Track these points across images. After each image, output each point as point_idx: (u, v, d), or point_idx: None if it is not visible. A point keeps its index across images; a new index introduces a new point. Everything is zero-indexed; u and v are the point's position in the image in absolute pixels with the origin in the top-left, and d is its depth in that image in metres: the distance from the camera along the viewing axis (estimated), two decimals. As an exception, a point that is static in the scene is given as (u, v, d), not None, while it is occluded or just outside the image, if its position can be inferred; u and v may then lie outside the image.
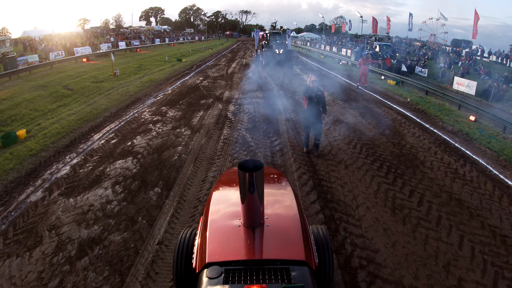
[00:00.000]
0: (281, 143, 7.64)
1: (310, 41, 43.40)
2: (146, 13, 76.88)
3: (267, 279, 1.90)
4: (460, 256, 4.13)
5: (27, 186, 5.84)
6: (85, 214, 4.87)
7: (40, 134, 8.36)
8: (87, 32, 42.12)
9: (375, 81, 16.97)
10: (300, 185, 5.69)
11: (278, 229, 2.36)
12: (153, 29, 57.79)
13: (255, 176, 2.08)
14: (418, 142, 8.04)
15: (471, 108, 11.68)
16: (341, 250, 4.07)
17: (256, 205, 2.23)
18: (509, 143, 8.57)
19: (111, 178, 5.94)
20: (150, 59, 24.19)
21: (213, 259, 2.06)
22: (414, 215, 4.88)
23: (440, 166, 6.68)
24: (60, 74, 16.32)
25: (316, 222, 4.62)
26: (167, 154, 7.01)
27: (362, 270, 3.76)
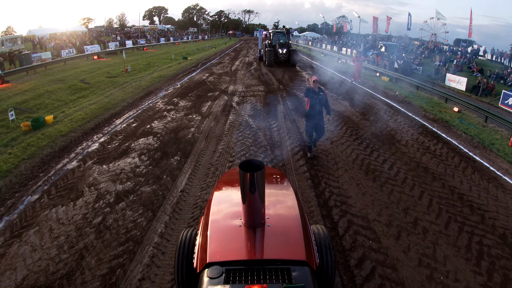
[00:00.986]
0: (278, 125, 8.90)
1: (312, 41, 44.71)
2: (150, 13, 78.51)
3: (268, 279, 1.92)
4: (418, 204, 5.34)
5: (62, 158, 7.09)
6: (118, 175, 6.13)
7: (66, 120, 9.63)
8: (92, 31, 43.59)
9: (370, 78, 18.19)
10: (292, 155, 6.96)
11: (279, 229, 2.38)
12: (156, 28, 59.22)
13: (256, 176, 2.10)
14: (398, 126, 9.28)
15: (457, 101, 12.82)
16: (321, 195, 5.33)
17: (257, 205, 2.26)
18: (487, 130, 9.72)
19: (137, 151, 7.21)
20: (157, 57, 25.53)
21: (214, 259, 2.08)
22: (383, 176, 6.12)
23: (414, 143, 7.93)
24: (75, 70, 17.67)
25: (303, 179, 5.88)
26: (182, 133, 8.29)
27: (336, 208, 5.00)
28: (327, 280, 2.60)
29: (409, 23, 37.15)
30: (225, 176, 3.77)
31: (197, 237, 2.60)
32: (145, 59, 23.22)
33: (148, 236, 4.34)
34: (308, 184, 5.78)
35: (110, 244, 4.21)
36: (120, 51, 25.82)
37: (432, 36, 45.19)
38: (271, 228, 2.37)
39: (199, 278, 2.00)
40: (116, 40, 32.48)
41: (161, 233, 4.40)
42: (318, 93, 6.41)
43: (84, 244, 4.20)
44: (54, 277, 3.67)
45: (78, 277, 3.68)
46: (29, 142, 7.75)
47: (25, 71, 17.00)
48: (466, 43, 35.13)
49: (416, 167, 6.62)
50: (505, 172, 6.83)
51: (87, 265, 3.85)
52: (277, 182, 3.31)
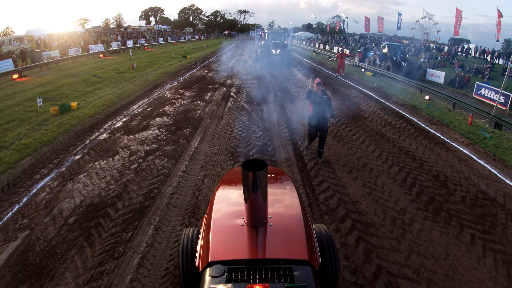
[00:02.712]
0: (269, 109, 10.97)
1: (306, 40, 46.96)
2: (146, 13, 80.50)
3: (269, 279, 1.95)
4: (370, 155, 7.37)
5: (93, 132, 9.02)
6: (144, 141, 8.13)
7: (89, 106, 11.58)
8: (90, 32, 45.52)
9: (354, 73, 20.34)
10: (277, 125, 9.04)
11: (281, 228, 2.41)
12: (152, 29, 61.24)
13: (259, 176, 2.13)
14: (368, 108, 11.40)
15: (430, 91, 14.77)
16: (297, 150, 7.38)
17: (260, 205, 2.29)
18: (451, 114, 11.68)
19: (155, 126, 9.22)
20: (158, 55, 27.55)
21: (216, 258, 2.12)
22: (347, 140, 8.18)
23: (378, 120, 10.03)
24: (85, 67, 19.64)
25: (286, 142, 7.93)
26: (190, 114, 10.32)
27: (306, 156, 7.06)
28: (330, 280, 2.64)
29: (398, 23, 39.36)
30: (227, 175, 3.80)
31: (200, 236, 2.66)
32: (147, 58, 25.24)
33: (173, 173, 6.36)
34: (288, 143, 7.85)
35: (146, 178, 6.21)
36: (123, 50, 27.82)
37: (424, 35, 47.53)
38: (273, 228, 2.40)
39: (201, 277, 2.04)
40: (117, 40, 34.45)
41: (183, 170, 6.42)
42: (321, 96, 6.27)
43: (127, 179, 6.18)
44: (106, 198, 5.57)
45: (125, 196, 5.62)
46: (61, 122, 9.68)
47: (38, 67, 18.94)
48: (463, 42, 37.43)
49: (375, 134, 8.71)
50: (454, 140, 8.89)
51: (131, 189, 5.82)
52: (279, 182, 3.39)
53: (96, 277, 3.82)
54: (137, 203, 5.34)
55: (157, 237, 4.48)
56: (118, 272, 3.88)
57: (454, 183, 6.31)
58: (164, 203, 5.31)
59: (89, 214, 5.05)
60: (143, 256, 4.12)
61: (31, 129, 9.17)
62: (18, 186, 6.05)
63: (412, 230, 4.75)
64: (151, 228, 4.67)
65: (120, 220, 4.88)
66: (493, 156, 7.92)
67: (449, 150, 8.07)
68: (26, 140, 8.24)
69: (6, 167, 6.72)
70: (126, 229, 4.66)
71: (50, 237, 4.54)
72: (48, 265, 4.01)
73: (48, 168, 6.79)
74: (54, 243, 4.41)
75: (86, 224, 4.81)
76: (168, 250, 4.22)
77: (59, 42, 30.93)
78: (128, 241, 4.41)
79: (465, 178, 6.55)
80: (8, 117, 10.17)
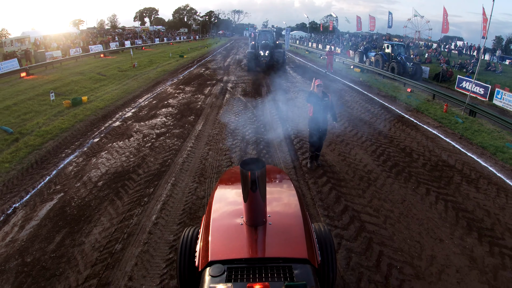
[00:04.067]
0: (262, 99, 12.26)
1: (299, 39, 48.41)
2: (141, 14, 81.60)
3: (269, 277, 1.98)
4: (347, 134, 8.65)
5: (107, 121, 10.18)
6: (154, 126, 9.33)
7: (98, 100, 12.74)
8: (87, 33, 46.55)
9: (344, 69, 21.71)
10: (269, 113, 10.28)
11: (281, 227, 2.45)
12: (147, 29, 62.34)
13: (258, 175, 2.16)
14: (352, 99, 12.74)
15: (413, 84, 16.05)
16: (285, 126, 8.64)
17: (259, 204, 2.33)
18: (429, 103, 12.97)
19: (162, 115, 10.42)
20: (156, 55, 28.70)
21: (216, 257, 2.15)
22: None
23: (359, 107, 11.36)
24: (88, 66, 20.76)
25: (277, 125, 9.18)
26: (193, 105, 11.55)
27: (292, 134, 8.32)
28: (329, 278, 2.68)
29: (389, 21, 40.94)
30: (226, 175, 3.83)
31: (199, 236, 2.68)
32: (146, 57, 26.39)
33: (183, 148, 7.59)
34: (278, 126, 9.12)
35: (160, 152, 7.42)
36: (121, 50, 28.91)
37: (416, 34, 49.16)
38: (273, 226, 2.42)
39: (201, 277, 2.06)
40: (115, 40, 35.55)
41: (190, 146, 7.67)
42: (322, 98, 6.02)
43: (144, 154, 7.38)
44: (128, 168, 6.76)
45: (144, 166, 6.81)
46: (75, 113, 10.82)
47: (44, 66, 20.01)
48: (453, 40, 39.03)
49: (355, 119, 10.01)
50: (426, 123, 10.21)
51: (149, 161, 7.02)
52: (278, 180, 3.45)
53: (128, 218, 5.02)
54: (155, 169, 6.56)
55: (174, 190, 5.71)
56: (145, 214, 5.09)
57: (418, 154, 7.61)
58: (178, 168, 6.55)
59: (115, 179, 6.25)
60: (164, 203, 5.35)
61: (48, 119, 10.29)
62: (46, 163, 7.19)
63: (376, 184, 6.03)
64: (168, 185, 5.90)
65: (142, 181, 6.09)
66: (460, 135, 9.24)
67: (418, 130, 9.39)
68: (46, 127, 9.37)
69: (32, 149, 7.87)
70: (148, 186, 5.87)
71: (83, 196, 5.72)
72: (84, 214, 5.19)
73: (71, 149, 7.95)
74: (87, 200, 5.59)
75: (114, 185, 6.01)
76: (184, 198, 5.45)
77: (58, 43, 31.94)
78: (151, 194, 5.63)
79: (429, 151, 7.85)
80: (24, 109, 11.28)
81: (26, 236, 4.64)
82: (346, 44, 35.56)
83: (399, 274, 3.96)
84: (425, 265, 4.13)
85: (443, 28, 36.23)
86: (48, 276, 3.89)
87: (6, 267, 4.01)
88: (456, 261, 4.21)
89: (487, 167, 7.20)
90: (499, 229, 4.95)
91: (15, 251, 4.30)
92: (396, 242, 4.51)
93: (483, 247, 4.51)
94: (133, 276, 3.88)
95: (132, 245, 4.39)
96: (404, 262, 4.15)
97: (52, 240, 4.55)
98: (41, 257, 4.19)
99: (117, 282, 3.80)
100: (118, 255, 4.22)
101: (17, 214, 5.19)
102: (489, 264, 4.18)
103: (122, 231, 4.69)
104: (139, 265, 4.05)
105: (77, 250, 4.34)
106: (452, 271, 4.05)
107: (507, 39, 49.78)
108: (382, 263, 4.13)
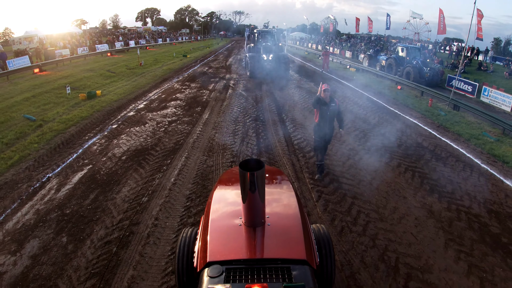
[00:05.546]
0: (261, 94, 13.52)
1: (299, 40, 49.80)
2: (142, 14, 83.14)
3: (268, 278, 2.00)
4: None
5: (122, 111, 11.43)
6: (165, 115, 10.58)
7: (111, 94, 13.99)
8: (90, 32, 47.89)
9: (340, 69, 22.99)
10: (268, 105, 11.54)
11: (279, 228, 2.49)
12: (149, 29, 63.80)
13: (256, 175, 2.20)
14: (344, 94, 14.03)
15: (405, 83, 17.22)
16: (280, 111, 9.89)
17: (257, 204, 2.37)
18: (417, 99, 14.18)
19: (172, 106, 11.68)
20: (161, 55, 30.04)
21: (214, 258, 2.18)
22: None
23: (348, 101, 12.65)
24: (97, 63, 22.06)
25: (273, 114, 10.44)
26: (199, 98, 12.83)
27: (283, 115, 9.56)
28: (327, 279, 2.71)
29: (387, 23, 42.25)
30: (225, 175, 3.87)
31: (198, 237, 2.72)
32: (151, 56, 27.72)
33: (193, 131, 8.85)
34: (276, 114, 10.36)
35: (173, 135, 8.67)
36: (126, 49, 30.24)
37: (415, 35, 50.46)
38: (271, 227, 2.47)
39: (199, 277, 2.10)
40: (118, 40, 36.91)
41: (199, 131, 8.93)
42: (329, 104, 5.85)
43: (159, 136, 8.62)
44: (146, 146, 7.99)
45: (161, 144, 8.04)
46: (92, 104, 12.06)
47: (55, 63, 21.34)
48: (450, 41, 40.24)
49: (343, 110, 11.23)
50: (409, 114, 11.44)
51: (164, 141, 8.26)
52: (277, 181, 3.46)
53: (151, 180, 6.26)
54: (170, 147, 7.82)
55: (188, 161, 6.97)
56: (164, 177, 6.34)
57: (397, 137, 8.85)
58: (189, 146, 7.83)
59: (137, 154, 7.50)
60: (180, 170, 6.60)
61: (67, 109, 11.53)
62: (72, 143, 8.39)
63: (353, 158, 7.30)
64: (182, 158, 7.16)
65: (160, 155, 7.35)
66: (438, 124, 10.46)
67: (399, 119, 10.65)
68: (66, 116, 10.61)
69: (57, 133, 9.07)
70: (166, 159, 7.13)
71: (110, 167, 6.94)
72: (113, 178, 6.40)
73: (93, 133, 9.19)
74: (114, 169, 6.81)
75: (136, 158, 7.25)
76: (196, 166, 6.72)
77: (63, 42, 33.28)
78: (169, 164, 6.88)
79: (406, 136, 9.10)
80: (43, 101, 12.51)
81: (63, 196, 5.79)
82: (345, 46, 36.87)
83: (366, 217, 5.19)
84: (388, 213, 5.35)
85: (439, 30, 37.42)
86: (86, 221, 5.06)
87: (48, 218, 5.14)
88: (416, 212, 5.43)
89: (458, 149, 8.42)
90: (459, 193, 6.12)
91: (55, 207, 5.44)
92: (366, 197, 5.75)
93: (442, 204, 5.70)
94: (158, 217, 5.10)
95: (156, 198, 5.63)
96: (371, 210, 5.38)
97: (87, 197, 5.75)
98: (79, 209, 5.37)
99: (145, 222, 5.01)
100: (145, 204, 5.45)
101: (51, 181, 6.32)
102: (445, 216, 5.37)
103: (147, 189, 5.92)
104: (163, 210, 5.28)
105: (110, 203, 5.55)
106: (411, 218, 5.26)
107: (505, 40, 51.14)
108: (352, 210, 5.36)
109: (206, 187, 5.97)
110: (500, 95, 15.39)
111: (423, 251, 4.50)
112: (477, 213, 5.49)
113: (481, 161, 7.72)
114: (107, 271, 4.04)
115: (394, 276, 4.06)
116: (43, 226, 4.91)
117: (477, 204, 5.77)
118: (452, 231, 4.97)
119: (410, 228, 5.00)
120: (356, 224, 5.02)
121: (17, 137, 8.66)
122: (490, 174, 7.09)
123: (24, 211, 5.32)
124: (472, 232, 4.98)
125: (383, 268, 4.17)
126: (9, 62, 19.37)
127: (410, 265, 4.23)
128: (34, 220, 5.06)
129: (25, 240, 4.60)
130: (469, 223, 5.20)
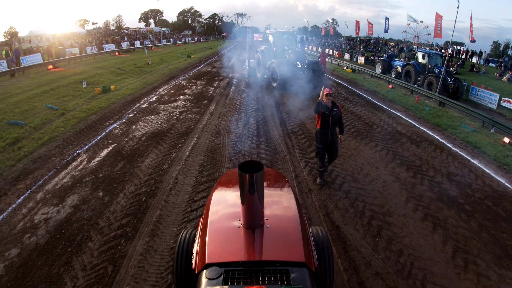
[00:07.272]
0: (262, 91, 15.00)
1: (300, 42, 51.46)
2: (146, 15, 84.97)
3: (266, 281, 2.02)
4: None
5: (135, 103, 12.88)
6: (176, 107, 12.04)
7: (124, 89, 15.44)
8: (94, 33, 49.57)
9: (337, 70, 24.49)
10: (268, 102, 12.98)
11: (278, 230, 2.51)
12: (152, 30, 65.49)
13: (255, 177, 2.22)
14: (338, 91, 15.44)
15: (397, 82, 18.58)
16: (279, 105, 11.33)
17: (256, 206, 2.39)
18: (406, 96, 15.51)
19: (181, 100, 13.15)
20: (166, 55, 31.61)
21: (213, 260, 2.20)
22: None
23: (341, 97, 14.10)
24: (107, 62, 23.60)
25: (273, 105, 11.89)
26: (205, 94, 14.33)
27: (282, 105, 11.00)
28: (326, 282, 2.74)
29: (386, 26, 43.77)
30: (224, 177, 3.91)
31: (196, 238, 2.75)
32: (157, 56, 29.28)
33: (201, 120, 10.33)
34: (275, 107, 11.79)
35: (185, 122, 10.12)
36: (133, 49, 31.81)
37: (415, 38, 51.92)
38: (270, 229, 2.49)
39: (198, 279, 2.12)
40: (125, 40, 38.55)
41: (207, 119, 10.41)
42: (331, 109, 5.83)
43: (172, 123, 10.07)
44: (162, 130, 9.43)
45: (174, 129, 9.48)
46: (108, 97, 13.51)
47: (66, 61, 22.87)
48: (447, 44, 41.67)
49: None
50: (394, 108, 12.86)
51: (177, 127, 9.70)
52: (276, 183, 3.53)
53: (169, 153, 7.70)
54: (183, 131, 9.29)
55: (199, 141, 8.44)
56: (180, 151, 7.79)
57: (378, 126, 10.31)
58: (199, 130, 9.32)
59: (154, 136, 8.94)
60: (193, 146, 8.07)
61: (84, 101, 12.97)
62: (95, 128, 9.79)
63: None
64: (194, 138, 8.64)
65: (175, 137, 8.81)
66: (419, 116, 11.86)
67: (384, 112, 12.10)
68: (86, 106, 12.04)
69: (79, 120, 10.47)
70: (180, 139, 8.60)
71: (132, 145, 8.37)
72: (135, 153, 7.83)
73: (113, 120, 10.63)
74: (136, 146, 8.24)
75: (154, 139, 8.69)
76: (206, 144, 8.19)
77: (70, 41, 34.89)
78: (183, 142, 8.35)
79: (387, 125, 10.52)
80: (61, 93, 13.93)
81: (94, 165, 7.17)
82: (344, 48, 38.41)
83: (342, 179, 6.62)
84: (361, 177, 6.78)
85: (435, 33, 38.80)
86: (118, 181, 6.47)
87: (83, 180, 6.50)
88: (384, 177, 6.84)
89: (433, 136, 9.81)
90: (426, 167, 7.52)
91: (88, 172, 6.81)
92: (344, 166, 7.20)
93: (408, 173, 7.11)
94: (178, 178, 6.55)
95: (175, 165, 7.08)
96: (347, 175, 6.82)
97: (115, 166, 7.17)
98: (110, 174, 6.78)
99: (167, 181, 6.44)
100: (166, 170, 6.89)
101: (81, 156, 7.67)
102: (410, 182, 6.76)
103: (167, 159, 7.37)
104: (181, 173, 6.73)
105: (136, 169, 6.98)
106: (380, 181, 6.67)
107: (504, 44, 52.59)
108: (332, 174, 6.80)
109: (215, 158, 7.43)
110: (487, 93, 16.75)
111: (387, 202, 5.91)
112: (439, 181, 6.88)
113: (453, 145, 9.10)
114: (139, 212, 5.45)
115: (360, 216, 5.47)
116: (80, 186, 6.29)
117: (441, 175, 7.16)
118: (414, 192, 6.35)
119: (378, 187, 6.42)
120: (334, 183, 6.45)
121: (43, 123, 10.00)
122: (459, 155, 8.45)
123: (61, 177, 6.65)
124: (432, 193, 6.35)
125: (352, 211, 5.59)
126: (23, 58, 20.88)
127: (374, 210, 5.64)
128: (71, 183, 6.41)
129: (65, 196, 5.92)
130: (431, 187, 6.59)
